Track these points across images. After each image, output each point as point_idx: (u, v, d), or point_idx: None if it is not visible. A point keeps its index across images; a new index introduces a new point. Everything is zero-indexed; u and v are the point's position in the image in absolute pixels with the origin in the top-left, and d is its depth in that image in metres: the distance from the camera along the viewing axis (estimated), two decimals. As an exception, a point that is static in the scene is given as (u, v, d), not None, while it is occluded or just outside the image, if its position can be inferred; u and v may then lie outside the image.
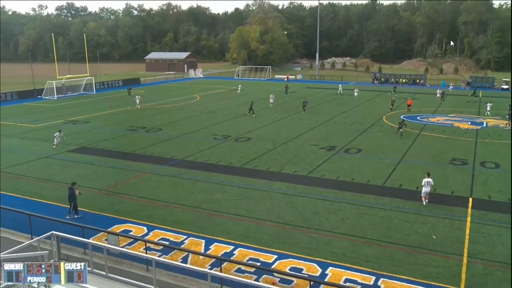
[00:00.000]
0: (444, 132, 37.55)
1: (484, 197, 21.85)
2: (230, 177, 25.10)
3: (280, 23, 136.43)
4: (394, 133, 37.27)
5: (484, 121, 43.09)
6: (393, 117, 45.56)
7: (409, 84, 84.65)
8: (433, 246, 16.62)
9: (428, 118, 44.85)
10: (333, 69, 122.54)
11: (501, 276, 14.49)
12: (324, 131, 38.20)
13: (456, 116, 46.05)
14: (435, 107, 52.88)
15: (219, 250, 16.22)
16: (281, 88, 68.41)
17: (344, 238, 17.33)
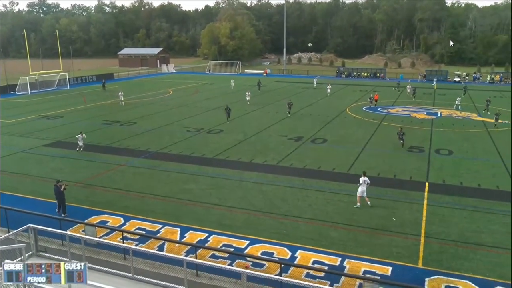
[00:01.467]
0: (402, 122, 38.41)
1: (439, 182, 22.55)
2: (203, 167, 24.98)
3: (248, 20, 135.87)
4: (357, 123, 37.93)
5: (439, 111, 44.36)
6: (356, 108, 46.31)
7: (370, 78, 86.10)
8: (393, 228, 17.07)
9: (388, 109, 45.80)
10: (300, 64, 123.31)
11: (454, 253, 15.05)
12: (292, 122, 38.44)
13: (413, 107, 47.20)
14: (394, 99, 54.02)
15: (194, 238, 16.17)
16: (252, 82, 68.34)
17: (311, 223, 17.57)
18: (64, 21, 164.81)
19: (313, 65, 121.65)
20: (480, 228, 16.97)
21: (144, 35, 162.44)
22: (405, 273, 13.78)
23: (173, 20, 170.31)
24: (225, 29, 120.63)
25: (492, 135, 33.54)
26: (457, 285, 13.10)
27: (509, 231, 16.73)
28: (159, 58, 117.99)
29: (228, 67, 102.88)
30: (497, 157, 27.31)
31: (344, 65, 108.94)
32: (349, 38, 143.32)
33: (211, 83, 74.87)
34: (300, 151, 28.63)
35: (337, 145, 30.43)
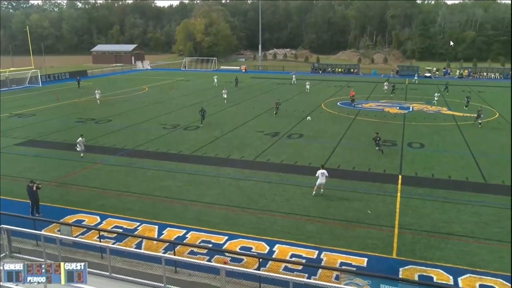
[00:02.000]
0: (376, 117, 39.06)
1: (412, 174, 23.03)
2: (180, 164, 24.79)
3: (224, 16, 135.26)
4: (332, 118, 38.33)
5: (411, 106, 45.26)
6: (331, 103, 46.76)
7: (344, 73, 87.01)
8: (368, 220, 17.36)
9: (362, 104, 46.43)
10: (275, 60, 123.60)
11: (427, 243, 15.43)
12: (268, 118, 38.53)
13: (387, 102, 48.01)
14: (368, 94, 54.81)
15: (172, 235, 16.05)
16: (229, 79, 68.08)
17: (289, 217, 17.69)
18: (35, 17, 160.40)
19: (288, 61, 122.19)
20: (450, 219, 17.45)
21: (118, 32, 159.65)
22: (380, 263, 14.04)
23: (147, 16, 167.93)
24: (200, 25, 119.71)
25: (461, 128, 34.46)
26: (430, 274, 13.45)
27: (478, 220, 17.28)
28: (134, 54, 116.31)
29: (203, 63, 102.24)
30: (466, 149, 28.09)
31: (318, 61, 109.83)
32: (324, 35, 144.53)
33: (187, 79, 74.28)
34: (277, 147, 28.74)
35: (313, 140, 30.68)
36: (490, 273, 13.46)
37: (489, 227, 16.65)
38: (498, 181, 22.03)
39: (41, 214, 17.40)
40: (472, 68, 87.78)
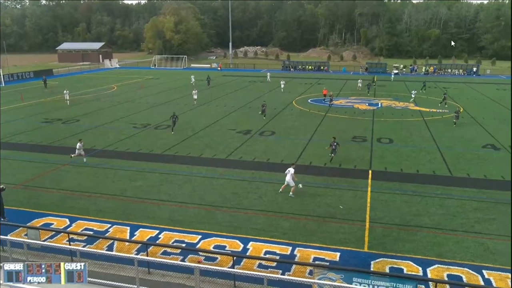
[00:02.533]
0: (346, 113, 39.67)
1: (381, 169, 23.53)
2: (152, 164, 24.45)
3: (193, 14, 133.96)
4: (303, 115, 38.66)
5: (379, 102, 46.19)
6: (302, 101, 47.17)
7: (315, 71, 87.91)
8: (340, 215, 17.63)
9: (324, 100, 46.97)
10: (246, 58, 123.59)
11: (397, 236, 15.81)
12: (240, 116, 38.51)
13: (356, 99, 48.82)
14: (338, 91, 55.56)
15: (144, 235, 15.82)
16: (200, 77, 67.48)
17: (262, 214, 17.75)
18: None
19: (259, 58, 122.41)
20: (419, 211, 17.94)
21: (85, 29, 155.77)
22: (352, 257, 14.28)
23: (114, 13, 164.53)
24: (170, 23, 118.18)
25: (428, 123, 35.45)
26: (400, 266, 13.79)
27: (445, 212, 17.84)
28: (102, 53, 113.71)
29: (174, 61, 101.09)
30: (433, 144, 28.92)
31: (289, 59, 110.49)
32: (293, 32, 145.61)
33: (157, 78, 73.26)
34: (249, 144, 28.78)
35: (285, 137, 30.87)
36: (457, 263, 13.93)
37: (455, 219, 17.22)
38: (463, 174, 22.80)
39: (6, 219, 16.78)
40: (437, 65, 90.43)
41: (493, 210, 18.01)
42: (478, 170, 23.38)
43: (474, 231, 16.20)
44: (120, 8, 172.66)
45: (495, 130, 32.88)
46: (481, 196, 19.58)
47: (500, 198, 19.33)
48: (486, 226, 16.58)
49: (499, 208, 18.28)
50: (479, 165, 24.21)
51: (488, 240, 15.47)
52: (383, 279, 11.81)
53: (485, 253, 14.54)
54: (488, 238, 15.58)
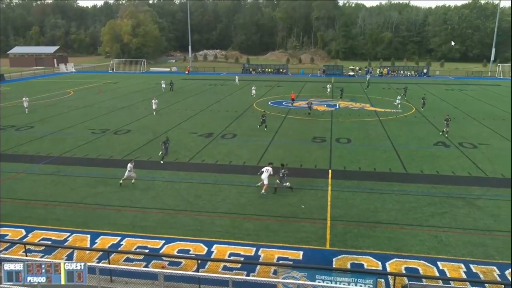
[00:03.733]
0: (305, 115, 40.26)
1: (341, 168, 24.03)
2: (112, 169, 23.79)
3: (151, 17, 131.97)
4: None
5: (337, 103, 47.20)
6: (262, 103, 47.44)
7: (274, 73, 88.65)
8: (302, 215, 17.85)
9: (292, 103, 47.60)
10: (206, 61, 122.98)
11: (357, 233, 16.20)
12: (202, 119, 38.24)
13: (315, 100, 49.59)
14: (297, 93, 56.28)
15: (106, 243, 15.38)
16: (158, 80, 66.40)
17: (226, 217, 17.69)
18: None
19: (219, 62, 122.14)
20: (377, 208, 18.46)
21: (38, 33, 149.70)
22: (315, 255, 14.49)
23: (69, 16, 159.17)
24: (127, 26, 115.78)
25: (383, 123, 36.58)
26: (361, 261, 14.13)
27: (401, 208, 18.45)
28: (56, 57, 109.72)
29: (132, 65, 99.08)
30: (388, 142, 29.87)
31: (249, 62, 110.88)
32: (252, 36, 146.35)
33: (116, 82, 71.56)
34: (211, 147, 28.62)
35: (247, 139, 30.93)
36: (413, 256, 14.43)
37: (410, 214, 17.85)
38: (417, 170, 23.68)
39: None
40: (391, 66, 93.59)
41: (445, 204, 18.81)
42: (430, 166, 24.35)
43: (428, 224, 16.86)
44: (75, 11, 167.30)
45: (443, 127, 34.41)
46: (434, 191, 20.41)
47: (451, 193, 20.23)
48: (439, 219, 17.30)
49: (451, 202, 19.13)
50: (432, 162, 25.22)
51: (441, 233, 16.15)
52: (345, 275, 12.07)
53: (439, 245, 15.17)
54: (442, 231, 16.26)
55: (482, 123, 36.74)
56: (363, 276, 11.85)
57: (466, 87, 65.10)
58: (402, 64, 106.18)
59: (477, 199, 19.36)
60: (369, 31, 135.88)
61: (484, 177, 22.58)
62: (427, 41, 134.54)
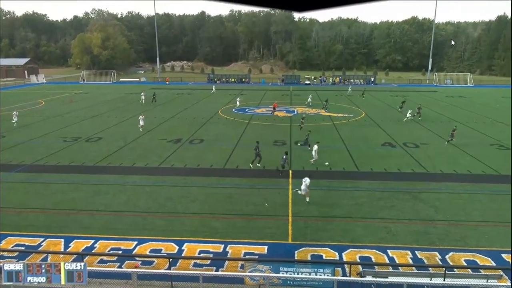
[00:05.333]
0: (267, 120, 40.53)
1: (300, 168, 24.31)
2: (84, 176, 22.99)
3: (120, 31, 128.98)
4: (229, 123, 38.82)
5: (295, 109, 47.81)
6: (227, 110, 47.38)
7: (237, 82, 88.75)
8: (266, 212, 17.92)
9: (254, 110, 47.84)
10: (173, 72, 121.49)
11: (316, 227, 16.45)
12: (170, 126, 37.68)
13: (275, 107, 50.02)
14: (259, 101, 56.60)
15: (79, 246, 14.81)
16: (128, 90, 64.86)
17: (195, 217, 17.50)
18: None
19: (185, 72, 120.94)
20: (333, 204, 18.82)
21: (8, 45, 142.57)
22: (278, 249, 14.58)
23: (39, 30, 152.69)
24: (97, 39, 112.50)
25: (337, 126, 37.38)
26: (320, 253, 14.35)
27: (354, 203, 18.89)
28: (27, 68, 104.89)
29: (102, 76, 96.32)
30: (342, 144, 30.56)
31: (213, 72, 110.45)
32: (217, 48, 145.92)
33: (86, 92, 69.29)
34: (180, 152, 28.25)
35: (213, 144, 30.76)
36: (366, 246, 14.81)
37: (363, 208, 18.33)
38: (368, 169, 24.35)
39: None
40: (342, 76, 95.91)
41: (392, 199, 19.44)
42: (379, 165, 25.11)
43: (378, 217, 17.36)
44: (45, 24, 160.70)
45: (390, 130, 35.58)
46: (383, 187, 21.06)
47: (398, 188, 20.93)
48: (388, 212, 17.86)
49: (398, 196, 19.79)
50: (380, 161, 26.00)
51: (390, 224, 16.67)
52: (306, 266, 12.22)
53: (388, 235, 15.66)
54: (391, 222, 16.79)
55: (423, 125, 38.30)
56: (322, 266, 12.03)
57: (408, 93, 67.61)
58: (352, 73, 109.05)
59: (420, 193, 20.15)
60: (322, 44, 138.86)
61: (425, 173, 23.53)
62: (373, 53, 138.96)
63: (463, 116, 43.14)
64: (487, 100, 58.30)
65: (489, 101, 57.73)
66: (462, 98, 58.88)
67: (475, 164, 25.25)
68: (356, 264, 13.27)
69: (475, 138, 32.63)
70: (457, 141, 30.36)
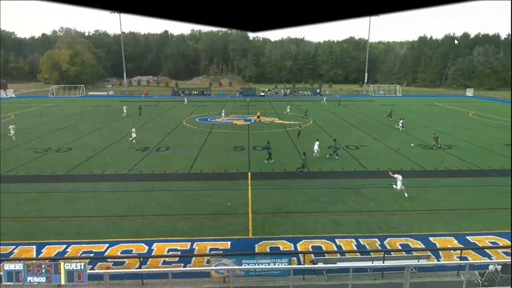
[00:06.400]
0: (227, 128, 40.42)
1: (258, 171, 24.44)
2: (55, 184, 21.73)
3: (88, 48, 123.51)
4: (193, 132, 38.31)
5: (252, 118, 48.06)
6: (191, 120, 46.74)
7: (199, 95, 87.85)
8: (228, 211, 17.82)
9: (215, 119, 47.57)
10: (140, 86, 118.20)
11: (273, 222, 16.56)
12: (138, 135, 36.49)
13: (234, 116, 50.09)
14: (219, 111, 56.36)
15: (51, 252, 13.95)
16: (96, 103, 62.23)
17: (163, 218, 17.07)
18: None
19: (151, 86, 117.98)
20: (288, 201, 19.06)
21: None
22: (240, 244, 14.53)
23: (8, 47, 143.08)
24: (65, 55, 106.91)
25: (289, 133, 37.97)
26: (277, 245, 14.46)
27: (306, 199, 19.24)
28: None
29: (72, 90, 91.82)
30: (294, 148, 31.07)
31: (177, 86, 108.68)
32: (180, 64, 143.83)
33: (56, 105, 65.71)
34: (148, 159, 27.47)
35: (179, 151, 30.21)
36: (317, 236, 15.12)
37: (313, 203, 18.70)
38: (317, 169, 24.92)
39: None
40: (292, 88, 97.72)
41: (338, 194, 20.00)
42: (326, 165, 25.77)
43: (327, 211, 17.78)
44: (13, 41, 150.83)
45: (334, 134, 36.62)
46: (330, 184, 21.62)
47: (342, 185, 21.58)
48: (335, 206, 18.35)
49: (342, 192, 20.40)
50: (327, 162, 26.71)
51: (337, 216, 17.13)
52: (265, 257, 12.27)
53: (336, 226, 16.08)
54: (337, 215, 17.26)
55: (361, 130, 39.84)
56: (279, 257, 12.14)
57: (348, 103, 70.09)
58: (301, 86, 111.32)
59: (361, 188, 20.90)
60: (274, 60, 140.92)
61: (365, 171, 24.46)
62: (318, 68, 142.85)
63: (394, 122, 45.36)
64: (413, 108, 61.74)
65: (414, 108, 61.17)
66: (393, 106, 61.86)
67: (405, 162, 26.59)
68: (309, 253, 13.52)
69: (404, 139, 34.39)
70: (390, 143, 31.84)
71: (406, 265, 11.27)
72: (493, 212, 17.69)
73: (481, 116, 51.63)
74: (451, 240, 14.83)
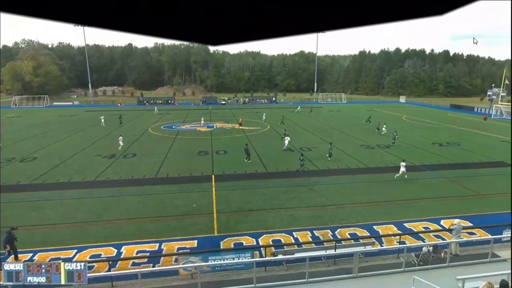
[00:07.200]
0: (191, 135, 39.77)
1: (221, 173, 24.27)
2: (19, 194, 20.11)
3: (51, 59, 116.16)
4: (158, 138, 37.27)
5: (214, 125, 47.71)
6: (156, 127, 45.46)
7: (164, 104, 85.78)
8: (195, 212, 17.51)
9: (180, 126, 46.63)
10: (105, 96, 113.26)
11: (236, 220, 16.50)
12: (104, 143, 34.89)
13: (197, 123, 49.41)
14: (183, 118, 55.37)
15: (17, 261, 12.86)
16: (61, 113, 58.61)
17: (131, 222, 16.39)
18: None
19: (117, 96, 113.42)
20: (249, 200, 19.09)
21: None
22: (206, 242, 14.32)
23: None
24: (28, 67, 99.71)
25: (249, 137, 38.12)
26: (241, 240, 14.42)
27: (265, 198, 19.38)
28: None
29: (35, 100, 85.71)
30: (253, 151, 31.17)
31: (142, 96, 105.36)
32: (144, 75, 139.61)
33: (19, 116, 61.00)
34: (115, 166, 26.29)
35: (145, 157, 29.22)
36: (276, 231, 15.28)
37: (272, 201, 18.85)
38: (274, 170, 25.21)
39: None
40: (250, 97, 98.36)
41: (294, 192, 20.37)
42: (283, 166, 26.15)
43: (284, 207, 18.04)
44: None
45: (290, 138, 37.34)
46: (287, 183, 21.97)
47: (297, 183, 21.99)
48: (292, 203, 18.66)
49: (298, 189, 20.80)
50: (283, 163, 27.10)
51: (294, 211, 17.43)
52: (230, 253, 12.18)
53: (293, 221, 16.35)
54: (294, 211, 17.56)
55: (313, 133, 40.95)
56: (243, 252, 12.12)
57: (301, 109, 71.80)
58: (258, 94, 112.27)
59: (314, 185, 21.44)
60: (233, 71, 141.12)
61: (317, 170, 25.12)
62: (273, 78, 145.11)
63: (340, 125, 47.15)
64: (356, 113, 64.56)
65: (357, 114, 64.01)
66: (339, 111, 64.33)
67: (351, 161, 27.68)
68: (270, 246, 13.62)
69: (350, 141, 35.82)
70: (337, 145, 33.00)
71: (354, 251, 11.71)
72: (424, 201, 18.92)
73: (412, 119, 55.20)
74: (391, 228, 15.63)
